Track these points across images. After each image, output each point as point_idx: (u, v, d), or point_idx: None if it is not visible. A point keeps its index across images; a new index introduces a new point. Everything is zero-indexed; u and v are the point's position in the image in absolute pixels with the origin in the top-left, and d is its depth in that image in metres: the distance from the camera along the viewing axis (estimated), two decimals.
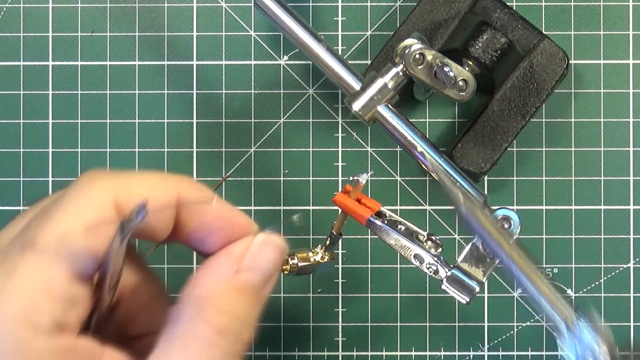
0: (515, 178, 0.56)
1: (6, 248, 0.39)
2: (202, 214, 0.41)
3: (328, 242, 0.49)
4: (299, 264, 0.48)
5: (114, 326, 0.42)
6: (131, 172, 0.41)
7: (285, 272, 0.50)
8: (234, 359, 0.40)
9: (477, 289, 0.48)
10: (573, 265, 0.56)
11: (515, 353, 0.56)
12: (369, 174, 0.46)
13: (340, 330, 0.56)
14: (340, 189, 0.53)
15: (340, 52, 0.56)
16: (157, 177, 0.41)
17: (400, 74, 0.50)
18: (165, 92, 0.57)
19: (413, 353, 0.56)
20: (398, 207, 0.56)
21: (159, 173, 0.42)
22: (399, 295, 0.56)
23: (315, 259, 0.48)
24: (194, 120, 0.57)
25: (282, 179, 0.57)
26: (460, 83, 0.50)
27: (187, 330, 0.39)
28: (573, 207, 0.56)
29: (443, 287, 0.46)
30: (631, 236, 0.56)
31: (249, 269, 0.41)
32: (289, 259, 0.49)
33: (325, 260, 0.49)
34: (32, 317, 0.37)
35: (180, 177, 0.41)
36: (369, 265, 0.57)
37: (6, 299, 0.37)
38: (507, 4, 0.54)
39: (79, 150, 0.57)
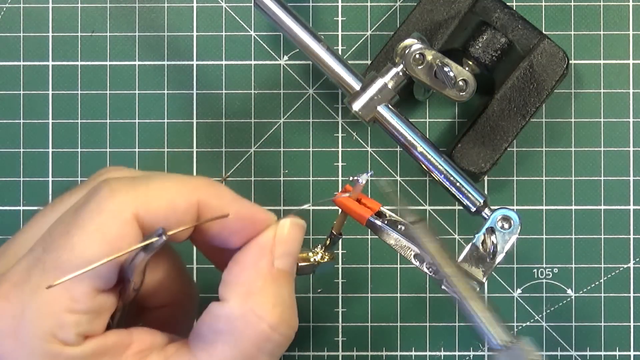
0: (515, 178, 0.56)
1: (28, 264, 0.40)
2: (222, 220, 0.41)
3: (328, 242, 0.49)
4: (299, 264, 0.48)
5: (134, 304, 0.43)
6: (150, 180, 0.40)
7: None
8: (284, 348, 0.42)
9: (477, 289, 0.48)
10: (573, 265, 0.56)
11: None
12: (369, 174, 0.46)
13: (340, 330, 0.56)
14: (340, 189, 0.53)
15: (340, 52, 0.56)
16: (176, 184, 0.41)
17: (400, 74, 0.50)
18: (165, 92, 0.57)
19: (413, 353, 0.56)
20: (398, 207, 0.56)
21: (178, 178, 0.41)
22: (399, 295, 0.56)
23: (315, 259, 0.48)
24: (194, 120, 0.57)
25: (282, 179, 0.57)
26: (460, 83, 0.50)
27: (238, 329, 0.40)
28: (573, 207, 0.56)
29: (443, 287, 0.46)
30: (631, 236, 0.56)
31: (282, 256, 0.42)
32: None
33: (325, 260, 0.49)
34: (59, 334, 0.38)
35: (199, 182, 0.41)
36: (369, 265, 0.57)
37: (33, 319, 0.38)
38: (507, 4, 0.54)
39: (79, 150, 0.57)
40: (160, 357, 0.40)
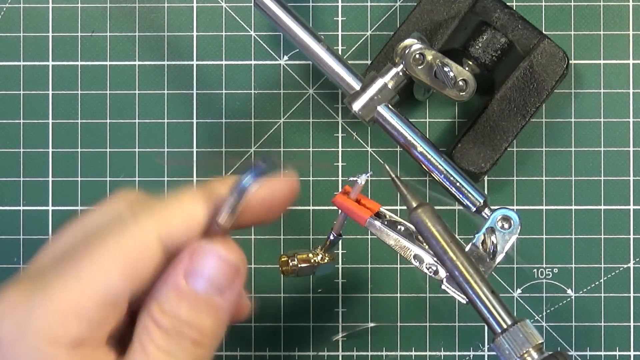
0: (515, 178, 0.56)
1: (45, 268, 0.41)
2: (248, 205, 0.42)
3: (328, 243, 0.49)
4: (299, 265, 0.48)
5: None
6: (168, 200, 0.42)
7: (286, 273, 0.50)
8: None
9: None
10: (573, 265, 0.56)
11: None
12: (368, 175, 0.46)
13: (340, 330, 0.56)
14: (340, 189, 0.53)
15: (340, 52, 0.56)
16: (190, 196, 0.42)
17: (400, 74, 0.50)
18: (165, 92, 0.57)
19: (413, 353, 0.56)
20: (398, 207, 0.56)
21: (192, 194, 0.42)
22: (399, 295, 0.56)
23: (315, 260, 0.48)
24: (194, 120, 0.57)
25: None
26: (460, 83, 0.50)
27: (141, 330, 0.41)
28: (573, 207, 0.56)
29: (443, 287, 0.46)
30: (631, 236, 0.56)
31: (193, 275, 0.41)
32: (289, 261, 0.49)
33: (326, 261, 0.49)
34: (58, 332, 0.39)
35: (207, 185, 0.42)
36: (369, 265, 0.57)
37: (38, 313, 0.39)
38: (507, 4, 0.54)
39: (79, 150, 0.57)
40: None
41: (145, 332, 0.41)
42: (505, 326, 0.43)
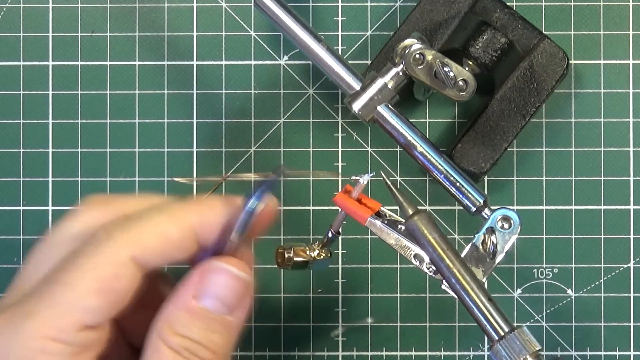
0: (515, 178, 0.56)
1: (23, 295, 0.42)
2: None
3: (326, 240, 0.49)
4: (295, 259, 0.49)
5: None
6: (142, 218, 0.42)
7: (281, 265, 0.50)
8: None
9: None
10: (573, 265, 0.56)
11: None
12: (370, 175, 0.46)
13: (340, 330, 0.56)
14: (340, 189, 0.53)
15: (340, 52, 0.56)
16: (167, 216, 0.42)
17: (400, 74, 0.50)
18: (165, 92, 0.57)
19: (413, 353, 0.56)
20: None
21: (170, 210, 0.42)
22: (399, 295, 0.56)
23: (311, 255, 0.49)
24: (194, 120, 0.57)
25: (282, 179, 0.57)
26: (460, 83, 0.50)
27: (151, 352, 0.41)
28: (573, 207, 0.56)
29: (443, 287, 0.46)
30: (631, 236, 0.56)
31: (204, 294, 0.41)
32: (285, 253, 0.49)
33: (322, 257, 0.49)
34: (38, 358, 0.40)
35: (190, 206, 0.42)
36: (369, 265, 0.56)
37: (19, 341, 0.40)
38: (507, 4, 0.54)
39: (79, 150, 0.57)
40: None
41: (156, 353, 0.41)
42: (502, 333, 0.43)
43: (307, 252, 0.49)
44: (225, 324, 0.42)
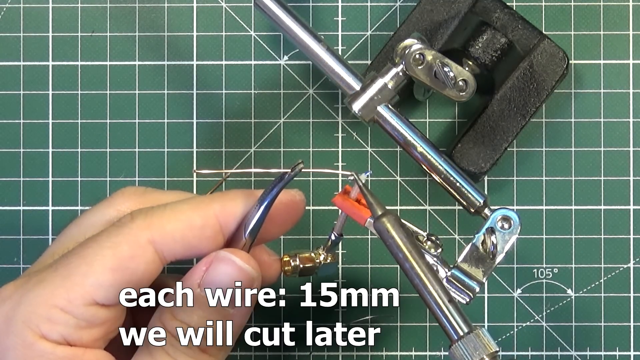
0: (515, 178, 0.56)
1: (43, 267, 0.43)
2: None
3: (329, 244, 0.49)
4: (301, 265, 0.48)
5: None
6: (167, 206, 0.43)
7: (288, 274, 0.50)
8: None
9: (477, 289, 0.48)
10: (573, 265, 0.56)
11: (515, 353, 0.56)
12: (368, 174, 0.46)
13: (340, 330, 0.56)
14: (340, 189, 0.53)
15: (340, 52, 0.56)
16: (191, 205, 0.43)
17: (400, 74, 0.50)
18: (165, 92, 0.57)
19: (413, 353, 0.56)
20: (398, 207, 0.56)
21: (194, 200, 0.43)
22: (399, 295, 0.56)
23: (318, 260, 0.48)
24: (194, 120, 0.57)
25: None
26: (460, 83, 0.50)
27: (150, 334, 0.42)
28: (573, 207, 0.56)
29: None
30: (631, 236, 0.56)
31: (208, 283, 0.42)
32: (291, 261, 0.49)
33: (328, 261, 0.49)
34: (43, 326, 0.40)
35: (214, 197, 0.44)
36: (369, 265, 0.56)
37: (26, 305, 0.41)
38: (507, 4, 0.54)
39: (79, 150, 0.57)
40: None
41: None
42: (461, 334, 0.43)
43: (314, 258, 0.49)
44: (225, 315, 0.42)
